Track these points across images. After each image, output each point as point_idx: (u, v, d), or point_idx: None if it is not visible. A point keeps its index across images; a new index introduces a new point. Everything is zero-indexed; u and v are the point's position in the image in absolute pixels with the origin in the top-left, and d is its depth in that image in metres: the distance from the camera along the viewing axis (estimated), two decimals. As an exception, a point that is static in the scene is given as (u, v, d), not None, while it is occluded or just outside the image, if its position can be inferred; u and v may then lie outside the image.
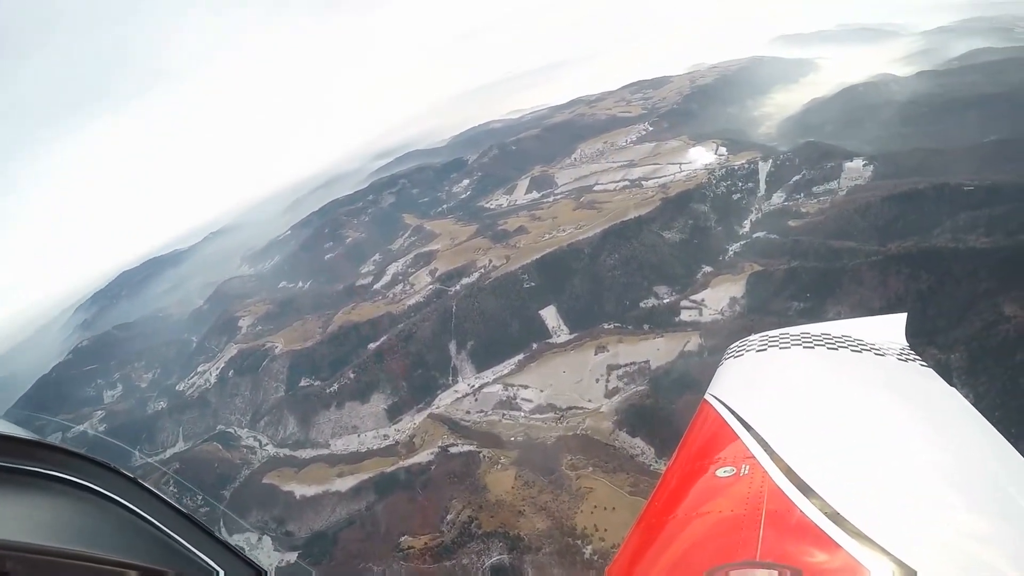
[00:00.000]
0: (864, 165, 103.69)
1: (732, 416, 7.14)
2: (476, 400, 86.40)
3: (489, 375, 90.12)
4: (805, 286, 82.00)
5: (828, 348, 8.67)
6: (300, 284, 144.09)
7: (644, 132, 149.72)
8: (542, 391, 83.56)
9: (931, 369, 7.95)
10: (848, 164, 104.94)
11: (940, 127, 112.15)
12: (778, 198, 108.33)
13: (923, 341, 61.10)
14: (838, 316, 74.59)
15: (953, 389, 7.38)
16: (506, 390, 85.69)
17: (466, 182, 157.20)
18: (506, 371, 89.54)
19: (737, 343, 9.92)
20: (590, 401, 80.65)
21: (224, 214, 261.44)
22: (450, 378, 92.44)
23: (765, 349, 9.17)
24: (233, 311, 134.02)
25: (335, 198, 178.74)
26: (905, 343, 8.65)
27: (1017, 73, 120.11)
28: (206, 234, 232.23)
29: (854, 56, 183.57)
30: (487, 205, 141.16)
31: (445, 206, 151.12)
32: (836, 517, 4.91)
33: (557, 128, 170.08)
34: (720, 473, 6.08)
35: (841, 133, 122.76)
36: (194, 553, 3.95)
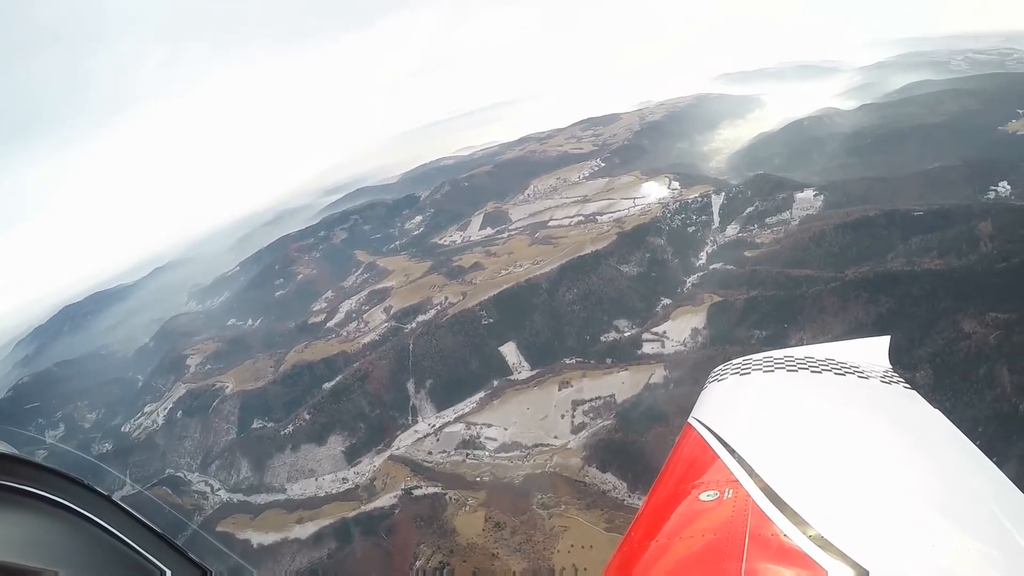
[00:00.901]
0: (815, 195, 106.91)
1: (715, 440, 7.16)
2: (438, 440, 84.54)
3: (450, 414, 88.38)
4: (766, 315, 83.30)
5: (811, 371, 8.74)
6: (250, 322, 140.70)
7: (596, 168, 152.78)
8: (506, 429, 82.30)
9: (915, 391, 8.05)
10: (799, 195, 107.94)
11: (885, 157, 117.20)
12: (732, 230, 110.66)
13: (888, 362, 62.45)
14: (801, 343, 75.92)
15: (937, 411, 7.44)
16: (469, 429, 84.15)
17: (419, 218, 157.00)
18: (467, 410, 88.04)
19: (720, 367, 9.95)
20: (556, 437, 79.70)
21: (170, 248, 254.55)
22: (409, 418, 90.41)
23: (748, 373, 9.25)
24: (180, 349, 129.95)
25: (285, 234, 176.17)
26: (888, 366, 8.75)
27: (955, 103, 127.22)
28: (152, 269, 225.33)
29: (797, 92, 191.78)
30: (441, 242, 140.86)
31: (398, 243, 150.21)
32: (820, 541, 4.95)
33: (509, 164, 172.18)
34: (703, 497, 6.08)
35: (790, 165, 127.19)
36: (138, 552, 3.92)
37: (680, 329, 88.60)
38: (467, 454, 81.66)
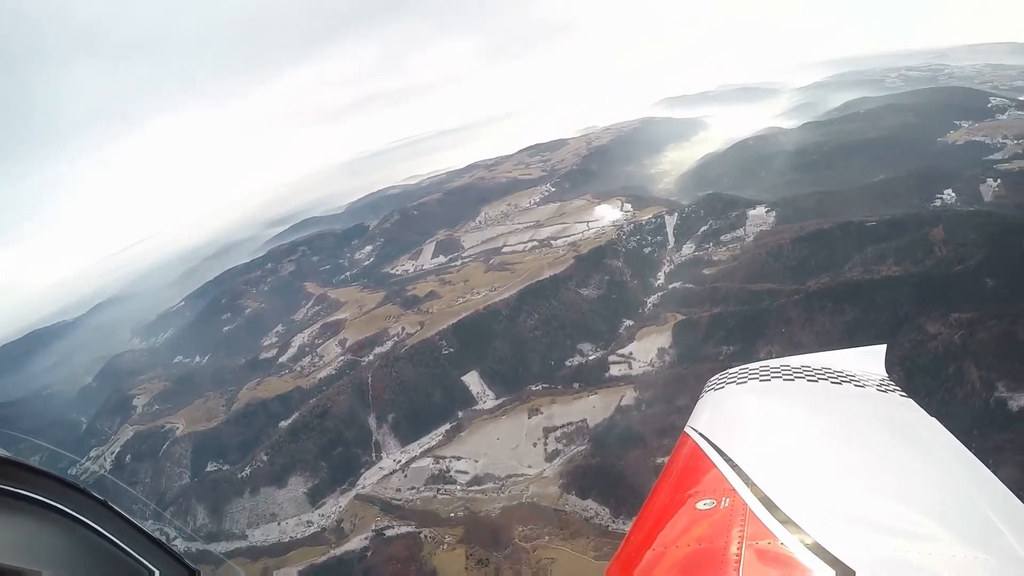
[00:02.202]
0: (767, 211, 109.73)
1: (712, 448, 7.26)
2: (405, 476, 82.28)
3: (416, 448, 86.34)
4: (732, 330, 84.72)
5: (808, 380, 8.88)
6: (198, 359, 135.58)
7: (547, 193, 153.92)
8: (477, 461, 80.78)
9: (911, 400, 8.15)
10: (751, 212, 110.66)
11: (831, 171, 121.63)
12: (688, 249, 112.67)
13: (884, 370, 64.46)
14: (770, 356, 77.46)
15: (934, 419, 7.55)
16: (437, 463, 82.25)
17: (369, 248, 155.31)
18: (434, 443, 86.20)
19: (717, 376, 10.03)
20: (530, 467, 78.53)
21: (111, 283, 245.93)
22: (373, 454, 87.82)
23: (745, 381, 9.37)
24: (126, 389, 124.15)
25: (231, 267, 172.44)
26: (885, 374, 8.93)
27: (894, 118, 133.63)
28: (92, 305, 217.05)
29: (739, 113, 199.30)
30: (393, 271, 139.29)
31: (348, 273, 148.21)
32: (817, 549, 4.99)
33: (458, 192, 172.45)
34: (700, 506, 6.15)
35: (739, 184, 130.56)
36: (128, 553, 4.04)
37: (646, 349, 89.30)
38: (438, 489, 79.44)
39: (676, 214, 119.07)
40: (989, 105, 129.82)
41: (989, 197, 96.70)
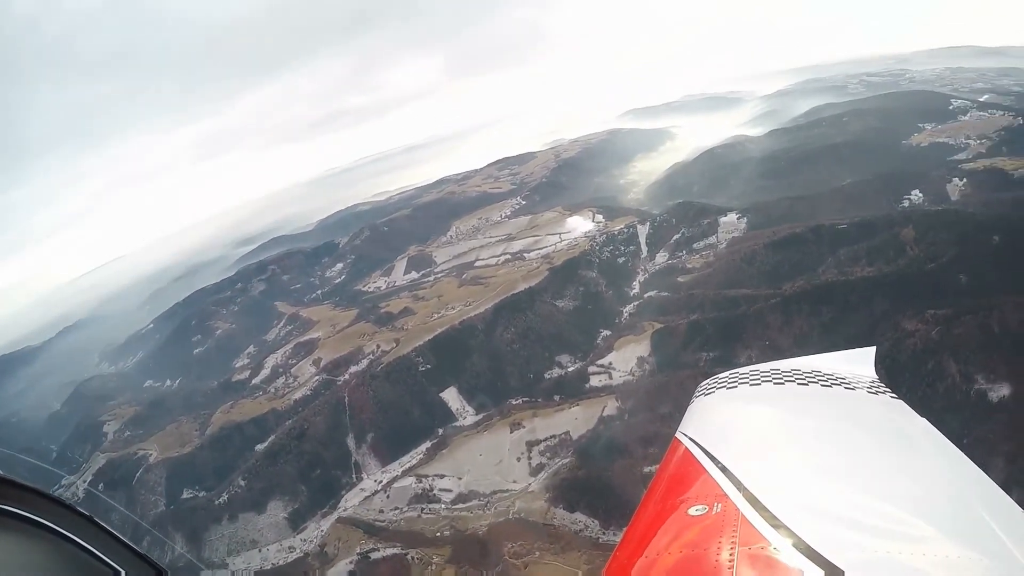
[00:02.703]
0: (738, 218, 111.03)
1: (703, 454, 7.34)
2: (388, 497, 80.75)
3: (396, 468, 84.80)
4: (711, 336, 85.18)
5: (798, 384, 9.05)
6: (169, 382, 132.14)
7: (518, 206, 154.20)
8: (460, 478, 79.59)
9: (901, 401, 8.34)
10: (723, 219, 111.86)
11: (800, 177, 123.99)
12: (662, 257, 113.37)
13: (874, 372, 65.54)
14: (750, 360, 78.36)
15: (924, 420, 7.71)
16: (420, 482, 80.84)
17: (339, 266, 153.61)
18: (415, 462, 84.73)
19: (707, 380, 10.22)
20: (515, 482, 77.62)
21: (78, 307, 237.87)
22: (353, 476, 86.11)
23: (736, 386, 9.54)
24: (96, 415, 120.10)
25: (200, 287, 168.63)
26: (875, 376, 9.18)
27: (859, 123, 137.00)
28: (59, 329, 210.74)
29: (705, 122, 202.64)
30: (365, 288, 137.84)
31: (320, 292, 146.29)
32: (809, 552, 5.06)
33: (428, 207, 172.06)
34: (692, 511, 6.20)
35: (709, 192, 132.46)
36: (94, 555, 4.04)
37: (626, 359, 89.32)
38: (422, 509, 78.10)
39: (648, 223, 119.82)
40: (951, 107, 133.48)
41: (956, 196, 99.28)
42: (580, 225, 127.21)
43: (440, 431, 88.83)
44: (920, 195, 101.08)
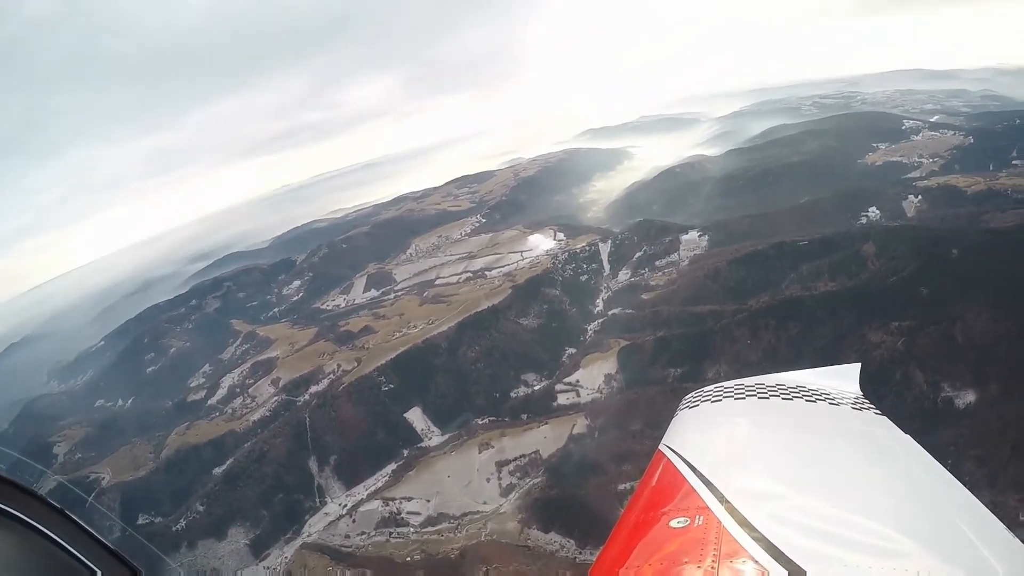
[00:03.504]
0: (699, 236, 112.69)
1: (686, 466, 7.43)
2: (354, 521, 78.14)
3: (362, 491, 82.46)
4: (678, 352, 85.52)
5: (783, 398, 9.11)
6: (121, 402, 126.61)
7: (478, 224, 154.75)
8: (429, 501, 77.64)
9: (885, 417, 8.40)
10: (684, 236, 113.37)
11: (758, 195, 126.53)
12: (624, 275, 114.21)
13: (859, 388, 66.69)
14: (718, 375, 79.37)
15: (908, 437, 7.77)
16: (387, 505, 78.58)
17: (297, 283, 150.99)
18: (380, 484, 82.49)
19: (692, 394, 10.29)
20: (486, 503, 76.02)
21: (26, 322, 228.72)
22: (317, 499, 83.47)
23: (720, 400, 9.61)
24: (45, 436, 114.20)
25: (153, 304, 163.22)
26: (859, 392, 9.20)
27: (815, 143, 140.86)
28: (5, 346, 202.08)
29: (663, 143, 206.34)
30: (323, 306, 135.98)
31: (277, 309, 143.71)
32: (791, 567, 5.12)
33: (387, 225, 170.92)
34: (673, 524, 6.26)
35: (669, 210, 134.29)
36: (69, 553, 4.06)
37: (593, 376, 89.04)
38: (390, 533, 75.72)
39: (610, 241, 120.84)
40: (903, 127, 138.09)
41: (912, 212, 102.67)
42: (541, 243, 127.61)
43: (405, 452, 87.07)
44: (877, 212, 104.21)
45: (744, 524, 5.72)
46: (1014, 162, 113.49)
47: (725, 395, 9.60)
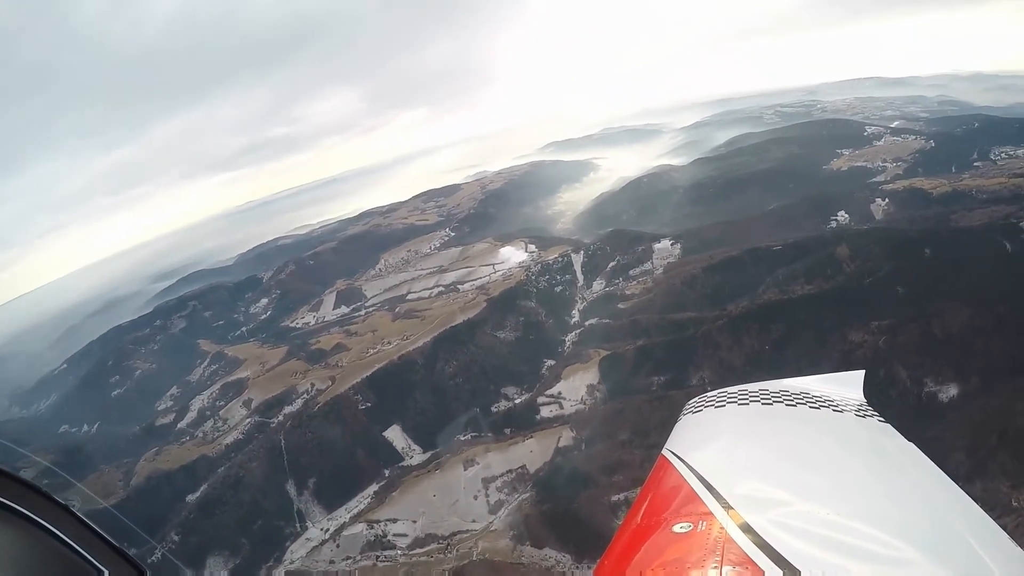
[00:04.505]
0: (672, 244, 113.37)
1: (689, 471, 7.41)
2: (338, 546, 75.48)
3: (344, 514, 79.69)
4: (661, 360, 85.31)
5: (786, 405, 9.09)
6: (86, 427, 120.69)
7: (447, 238, 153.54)
8: (415, 522, 75.29)
9: (889, 425, 8.35)
10: (657, 245, 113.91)
11: (728, 203, 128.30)
12: (599, 285, 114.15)
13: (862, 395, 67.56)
14: (702, 382, 79.48)
15: (912, 444, 7.73)
16: (372, 528, 76.02)
17: (264, 301, 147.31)
18: (363, 506, 79.94)
19: (695, 399, 10.28)
20: (475, 521, 73.83)
21: None
22: (298, 524, 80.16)
23: (724, 405, 9.60)
24: (9, 463, 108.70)
25: (116, 324, 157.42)
26: (863, 399, 9.16)
27: (780, 150, 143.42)
28: None
29: (627, 154, 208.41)
30: (293, 324, 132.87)
31: (245, 328, 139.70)
32: (794, 573, 5.10)
33: (354, 240, 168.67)
34: (676, 529, 6.24)
35: (639, 220, 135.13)
36: (77, 552, 4.03)
37: (575, 388, 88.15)
38: (377, 556, 73.35)
39: (582, 252, 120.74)
40: (865, 133, 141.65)
41: (880, 215, 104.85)
42: (513, 255, 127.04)
43: (387, 472, 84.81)
44: (846, 216, 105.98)
45: (747, 530, 5.71)
46: (975, 164, 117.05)
47: (729, 401, 9.60)
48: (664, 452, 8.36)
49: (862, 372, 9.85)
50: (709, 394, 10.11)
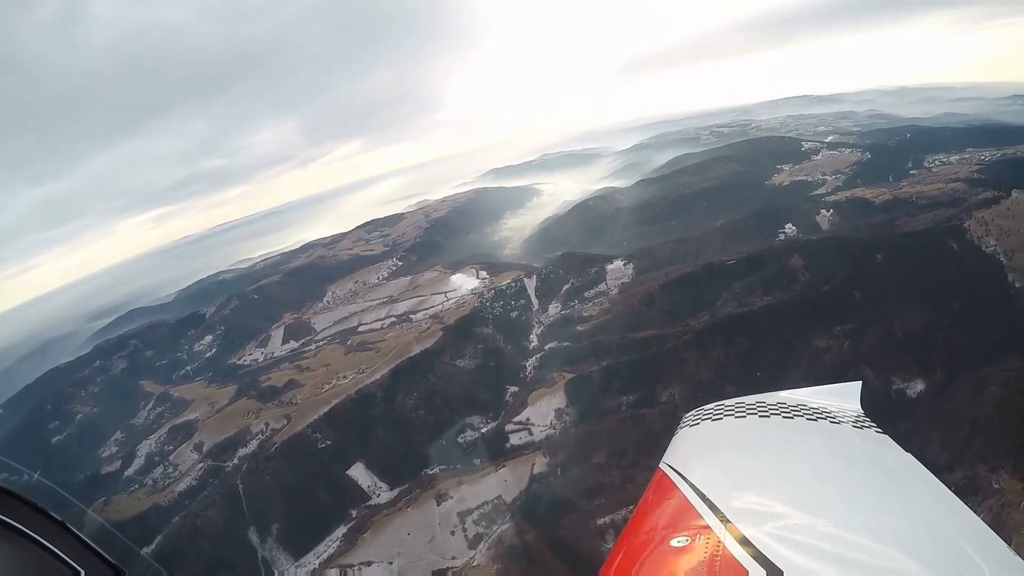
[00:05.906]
0: (624, 264, 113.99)
1: (687, 485, 7.43)
2: (312, 594, 72.97)
3: (313, 559, 75.18)
4: (628, 379, 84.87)
5: (784, 417, 9.11)
6: (26, 477, 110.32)
7: (395, 267, 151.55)
8: (391, 563, 71.39)
9: (887, 436, 8.35)
10: (609, 266, 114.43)
11: (675, 221, 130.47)
12: (555, 308, 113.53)
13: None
14: (672, 397, 79.53)
15: (909, 455, 7.71)
16: (344, 574, 73.02)
17: (209, 338, 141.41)
18: (333, 550, 75.56)
19: (692, 412, 10.27)
20: (455, 558, 70.59)
21: None
22: (263, 574, 77.08)
23: (721, 418, 9.61)
24: None
25: (52, 367, 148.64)
26: (860, 410, 9.23)
27: (721, 168, 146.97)
28: None
29: (569, 178, 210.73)
30: (240, 361, 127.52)
31: (190, 367, 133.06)
32: None
33: (299, 272, 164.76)
34: (674, 542, 6.25)
35: (587, 242, 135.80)
36: (52, 553, 4.04)
37: (543, 413, 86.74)
38: None
39: (535, 276, 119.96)
40: (803, 148, 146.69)
41: (826, 225, 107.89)
42: (465, 282, 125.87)
43: (354, 512, 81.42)
44: (793, 228, 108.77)
45: (745, 543, 5.69)
46: (911, 172, 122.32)
47: (726, 413, 9.62)
48: (661, 466, 8.35)
49: (859, 383, 9.88)
50: (706, 407, 10.09)
